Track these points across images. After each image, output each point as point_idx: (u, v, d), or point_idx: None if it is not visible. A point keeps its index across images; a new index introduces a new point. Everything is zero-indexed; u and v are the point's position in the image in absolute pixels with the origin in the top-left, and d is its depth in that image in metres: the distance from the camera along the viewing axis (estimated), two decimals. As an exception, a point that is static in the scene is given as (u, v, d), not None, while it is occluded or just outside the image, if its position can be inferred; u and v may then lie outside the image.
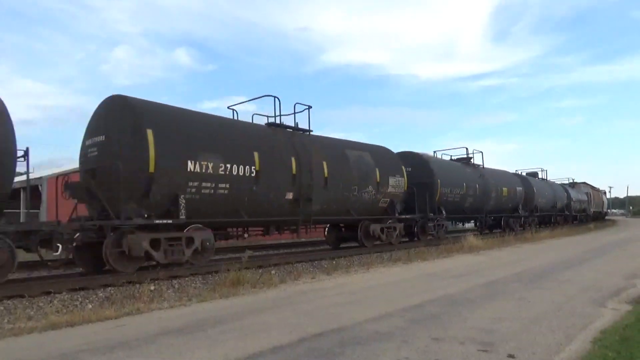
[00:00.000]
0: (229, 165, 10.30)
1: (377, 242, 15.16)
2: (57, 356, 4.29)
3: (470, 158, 22.48)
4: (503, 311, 5.93)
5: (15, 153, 8.05)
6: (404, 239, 16.77)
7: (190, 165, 9.56)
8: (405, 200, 16.32)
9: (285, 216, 12.03)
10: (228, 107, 12.79)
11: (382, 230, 15.01)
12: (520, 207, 25.97)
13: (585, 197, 41.00)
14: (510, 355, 4.10)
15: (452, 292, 7.38)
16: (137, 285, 7.77)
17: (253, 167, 10.85)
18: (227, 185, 10.29)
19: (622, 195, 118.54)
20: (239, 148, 10.78)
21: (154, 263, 9.30)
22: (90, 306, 6.72)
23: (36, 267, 10.36)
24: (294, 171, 11.90)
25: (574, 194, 37.14)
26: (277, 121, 12.74)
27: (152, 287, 7.66)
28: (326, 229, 15.88)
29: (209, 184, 9.94)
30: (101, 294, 7.36)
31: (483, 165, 23.19)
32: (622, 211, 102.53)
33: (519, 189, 25.63)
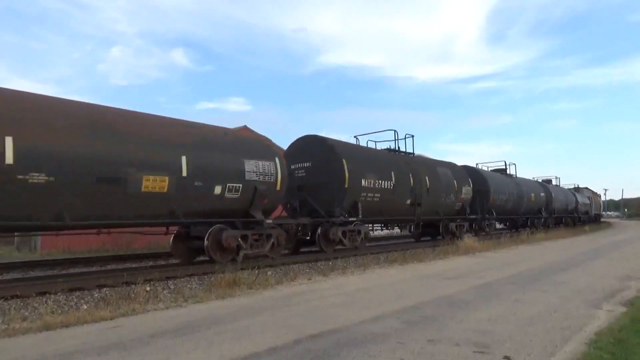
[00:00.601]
0: (380, 181, 14.73)
1: (451, 236, 18.70)
2: (52, 357, 4.28)
3: (506, 169, 27.54)
4: (498, 313, 5.95)
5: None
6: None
7: (363, 182, 14.03)
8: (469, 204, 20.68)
9: (404, 216, 16.60)
10: (354, 137, 17.44)
11: (456, 227, 19.39)
12: (543, 209, 30.39)
13: (588, 201, 45.12)
14: (506, 357, 4.11)
15: (447, 294, 7.39)
16: (133, 286, 7.73)
17: (391, 182, 15.28)
18: (379, 195, 14.74)
19: (617, 197, 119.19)
20: (384, 168, 15.22)
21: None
22: (85, 307, 6.67)
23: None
24: (412, 184, 16.31)
25: (579, 198, 41.00)
26: (394, 146, 17.43)
27: (148, 288, 7.61)
28: (411, 226, 19.36)
29: (370, 194, 14.39)
30: (96, 295, 7.31)
31: (516, 174, 28.19)
32: (617, 213, 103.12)
33: (542, 194, 30.22)
